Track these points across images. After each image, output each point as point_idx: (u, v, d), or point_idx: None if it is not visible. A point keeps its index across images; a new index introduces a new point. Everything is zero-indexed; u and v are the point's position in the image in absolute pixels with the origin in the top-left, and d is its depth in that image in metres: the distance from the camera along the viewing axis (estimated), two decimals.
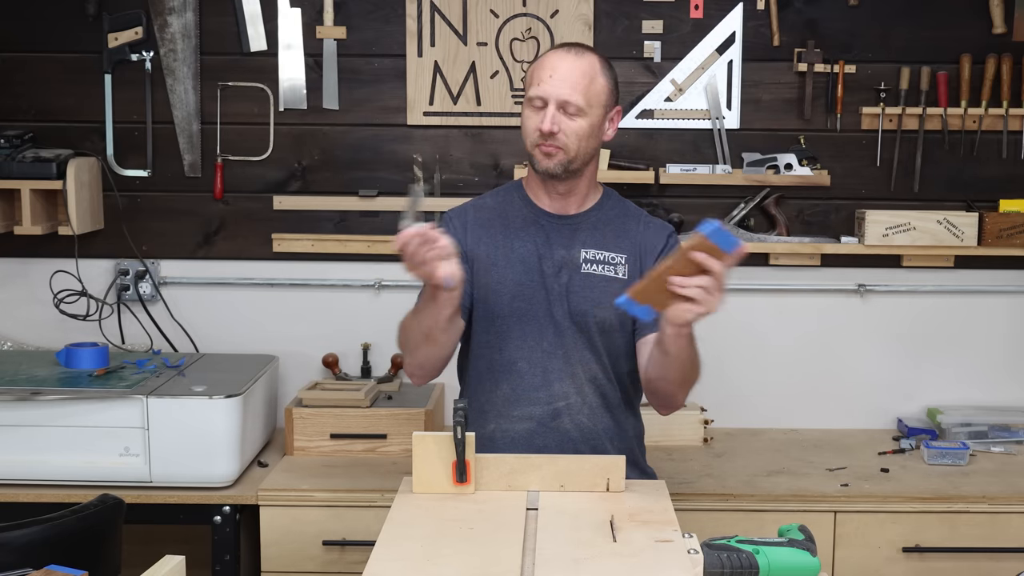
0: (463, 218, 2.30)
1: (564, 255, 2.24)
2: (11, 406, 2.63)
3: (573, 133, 2.17)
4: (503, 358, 2.23)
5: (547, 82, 2.15)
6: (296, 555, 2.65)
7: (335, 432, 2.89)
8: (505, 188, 2.37)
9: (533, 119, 2.18)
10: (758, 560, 1.76)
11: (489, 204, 2.33)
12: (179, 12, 3.08)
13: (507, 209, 2.30)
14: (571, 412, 2.24)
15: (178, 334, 3.19)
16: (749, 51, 3.12)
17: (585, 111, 2.17)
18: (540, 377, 2.23)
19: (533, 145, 2.19)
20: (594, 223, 2.28)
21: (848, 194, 3.17)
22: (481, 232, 2.27)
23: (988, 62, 3.07)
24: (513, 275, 2.22)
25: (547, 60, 2.19)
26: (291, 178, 3.17)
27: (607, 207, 2.32)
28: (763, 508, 2.66)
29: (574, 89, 2.15)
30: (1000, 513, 2.67)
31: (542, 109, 2.17)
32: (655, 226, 2.33)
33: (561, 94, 2.15)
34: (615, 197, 2.36)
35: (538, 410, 2.23)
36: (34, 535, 2.06)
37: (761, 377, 3.25)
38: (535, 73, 2.19)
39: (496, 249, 2.25)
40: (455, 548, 1.76)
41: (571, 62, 2.17)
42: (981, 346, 3.23)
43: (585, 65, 2.18)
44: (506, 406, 2.24)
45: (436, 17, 3.10)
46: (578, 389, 2.24)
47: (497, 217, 2.29)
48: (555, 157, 2.18)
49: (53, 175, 2.95)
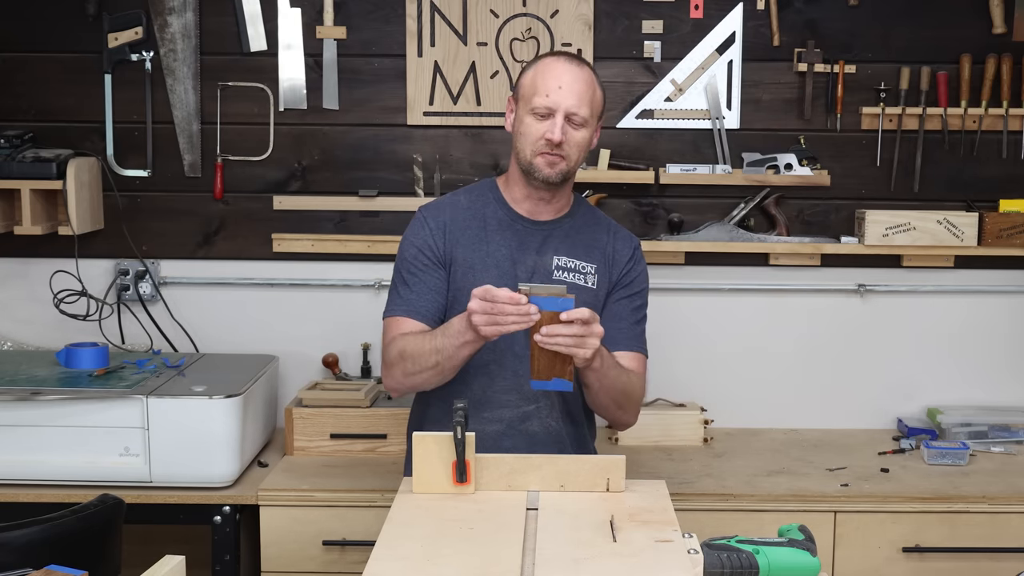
0: (439, 218, 2.31)
1: (536, 260, 2.28)
2: (11, 406, 2.63)
3: (575, 144, 2.22)
4: (475, 359, 2.21)
5: (556, 92, 2.18)
6: (296, 555, 2.65)
7: (335, 432, 2.89)
8: (478, 187, 2.38)
9: (538, 127, 2.20)
10: (758, 560, 1.76)
11: (464, 204, 2.34)
12: (179, 12, 3.08)
13: (483, 210, 2.32)
14: (540, 415, 2.28)
15: (178, 334, 3.19)
16: (749, 51, 3.12)
17: (588, 122, 2.22)
18: (511, 380, 2.26)
19: (535, 153, 2.21)
20: (566, 231, 2.32)
21: (848, 194, 3.17)
22: (459, 234, 2.29)
23: (988, 62, 3.07)
24: (489, 279, 2.20)
25: (551, 70, 2.21)
26: (291, 178, 3.17)
27: (578, 215, 2.36)
28: (763, 508, 2.66)
29: (581, 100, 2.19)
30: (1000, 513, 2.67)
31: (547, 118, 2.19)
32: (622, 237, 2.38)
33: (570, 105, 2.19)
34: (585, 205, 2.40)
35: (508, 412, 2.27)
36: (34, 535, 2.06)
37: (761, 377, 3.25)
38: (539, 82, 2.20)
39: (473, 252, 2.28)
40: (455, 548, 1.76)
41: (575, 73, 2.21)
42: (981, 346, 3.23)
43: (587, 76, 2.23)
44: (476, 407, 2.25)
45: (436, 17, 3.10)
46: (546, 393, 2.26)
47: (473, 218, 2.31)
48: (558, 166, 2.22)
49: (53, 175, 2.95)
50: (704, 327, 3.23)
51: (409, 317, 2.24)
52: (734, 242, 3.10)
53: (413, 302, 2.26)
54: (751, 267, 3.18)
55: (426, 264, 2.27)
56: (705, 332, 3.23)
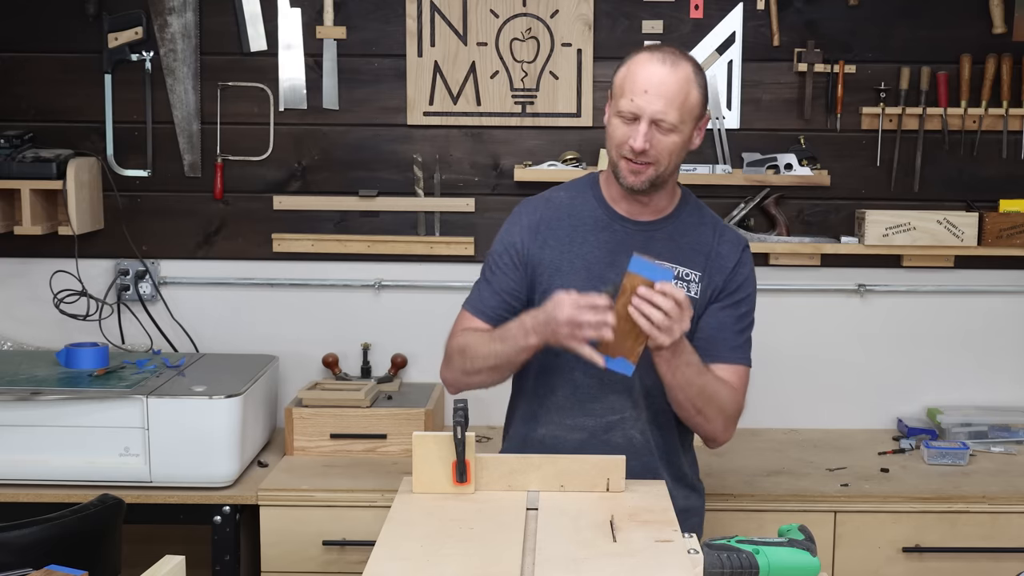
0: (533, 216, 2.23)
1: None
2: (11, 406, 2.63)
3: (665, 150, 2.09)
4: (560, 364, 2.18)
5: (641, 97, 2.05)
6: (296, 555, 2.65)
7: (335, 432, 2.89)
8: (581, 181, 2.29)
9: (623, 130, 2.09)
10: (758, 560, 1.76)
11: (562, 200, 2.25)
12: (179, 12, 3.08)
13: (580, 207, 2.22)
14: (624, 426, 2.21)
15: (178, 334, 3.19)
16: (749, 51, 3.12)
17: (678, 127, 2.08)
18: (596, 388, 2.19)
19: (620, 157, 2.11)
20: (670, 232, 2.21)
21: (848, 194, 3.17)
22: (548, 234, 2.21)
23: (988, 62, 3.07)
24: (578, 282, 2.13)
25: (641, 70, 2.07)
26: (291, 178, 3.17)
27: (684, 214, 2.24)
28: (763, 508, 2.66)
29: (670, 105, 2.05)
30: (1000, 513, 2.67)
31: (633, 122, 2.08)
32: (728, 239, 2.25)
33: (656, 111, 2.05)
34: (692, 202, 2.28)
35: (591, 421, 2.21)
36: (34, 535, 2.06)
37: (761, 377, 3.21)
38: (627, 83, 2.08)
39: (561, 254, 2.20)
40: (455, 548, 1.76)
41: (666, 75, 2.06)
42: (981, 346, 3.23)
43: (681, 78, 2.07)
44: (560, 414, 2.22)
45: (436, 17, 3.10)
46: (634, 403, 2.20)
47: (567, 216, 2.22)
48: (643, 174, 2.11)
49: (53, 175, 2.95)
50: None
51: (476, 316, 2.22)
52: None
53: (486, 300, 2.22)
54: None
55: (508, 264, 2.21)
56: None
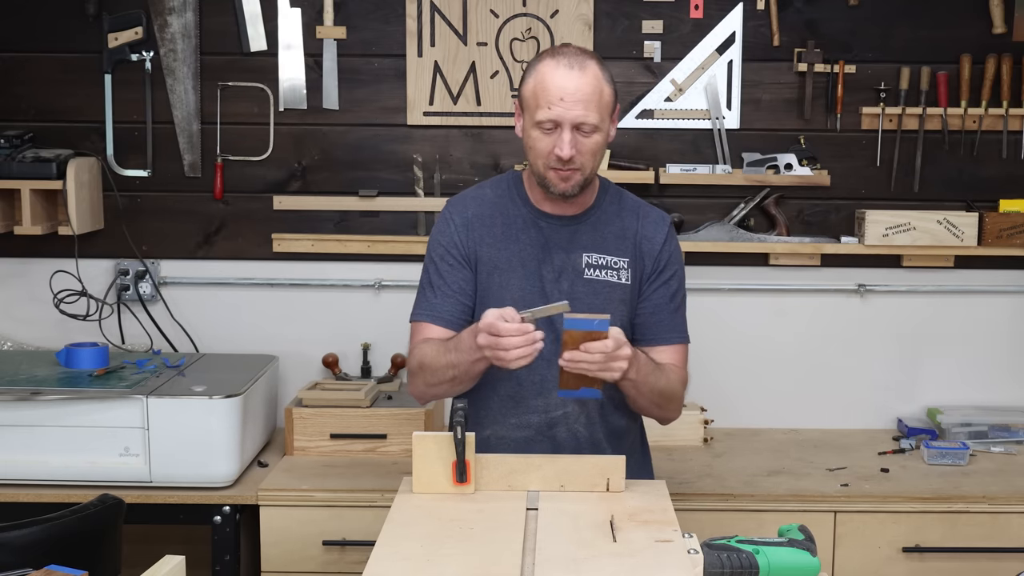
0: (464, 214, 2.24)
1: (564, 259, 2.20)
2: (11, 406, 2.63)
3: (589, 152, 2.11)
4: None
5: (559, 105, 2.06)
6: (296, 555, 2.65)
7: (335, 432, 2.89)
8: (504, 180, 2.30)
9: (545, 141, 2.10)
10: (758, 560, 1.76)
11: (489, 197, 2.26)
12: (179, 12, 3.08)
13: (507, 206, 2.24)
14: (568, 421, 2.22)
15: (178, 334, 3.19)
16: (749, 51, 3.12)
17: (599, 127, 2.10)
18: (538, 385, 2.20)
19: (547, 168, 2.12)
20: (593, 223, 2.23)
21: (848, 194, 3.17)
22: (483, 231, 2.22)
23: (988, 62, 3.07)
24: (515, 280, 2.18)
25: (552, 78, 2.07)
26: (291, 178, 3.17)
27: (605, 203, 2.26)
28: (763, 508, 2.66)
29: (588, 108, 2.06)
30: (1000, 513, 2.67)
31: (553, 131, 2.08)
32: (652, 220, 2.26)
33: (576, 117, 2.06)
34: (612, 190, 2.30)
35: (535, 418, 2.22)
36: (34, 535, 2.06)
37: (761, 377, 3.25)
38: (540, 93, 2.08)
39: (497, 252, 2.21)
40: (455, 548, 1.76)
41: (578, 78, 2.06)
42: (981, 346, 3.23)
43: (590, 77, 2.08)
44: (503, 413, 2.22)
45: (436, 17, 3.10)
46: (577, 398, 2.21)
47: (498, 214, 2.24)
48: (572, 179, 2.12)
49: (53, 175, 2.95)
50: (704, 327, 3.21)
51: (433, 323, 2.19)
52: (734, 242, 3.10)
53: (437, 307, 2.20)
54: (751, 267, 3.18)
55: (454, 264, 2.21)
56: (705, 332, 3.20)
